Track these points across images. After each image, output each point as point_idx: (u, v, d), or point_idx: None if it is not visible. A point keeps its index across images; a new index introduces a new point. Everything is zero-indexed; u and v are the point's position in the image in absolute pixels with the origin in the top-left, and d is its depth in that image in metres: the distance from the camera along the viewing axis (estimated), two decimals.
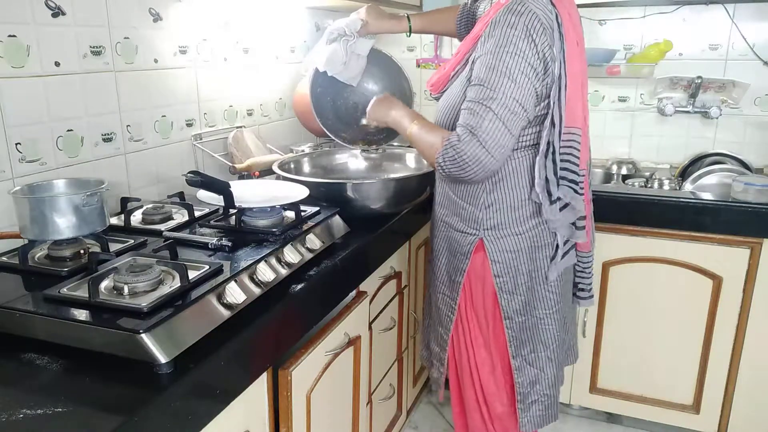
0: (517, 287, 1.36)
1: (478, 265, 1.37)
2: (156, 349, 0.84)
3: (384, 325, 1.70)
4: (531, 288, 1.37)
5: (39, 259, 1.13)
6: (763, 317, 1.83)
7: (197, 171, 1.26)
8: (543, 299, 1.38)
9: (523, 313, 1.38)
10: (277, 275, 1.13)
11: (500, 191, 1.31)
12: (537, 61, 1.17)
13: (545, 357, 1.42)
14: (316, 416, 1.26)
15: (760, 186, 1.76)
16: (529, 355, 1.41)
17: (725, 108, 2.23)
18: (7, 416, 0.75)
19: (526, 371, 1.42)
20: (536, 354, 1.42)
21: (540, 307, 1.39)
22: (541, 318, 1.40)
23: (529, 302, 1.38)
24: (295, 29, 2.21)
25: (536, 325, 1.40)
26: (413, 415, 2.19)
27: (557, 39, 1.18)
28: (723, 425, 1.97)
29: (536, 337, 1.41)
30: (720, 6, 2.18)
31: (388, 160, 1.92)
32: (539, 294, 1.38)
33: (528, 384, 1.43)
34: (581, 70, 1.26)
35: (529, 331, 1.40)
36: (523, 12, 1.16)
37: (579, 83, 1.25)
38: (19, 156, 1.24)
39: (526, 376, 1.42)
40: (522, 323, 1.39)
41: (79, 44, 1.34)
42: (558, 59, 1.18)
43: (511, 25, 1.16)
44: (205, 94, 1.77)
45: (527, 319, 1.39)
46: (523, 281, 1.36)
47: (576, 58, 1.23)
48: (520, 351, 1.41)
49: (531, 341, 1.41)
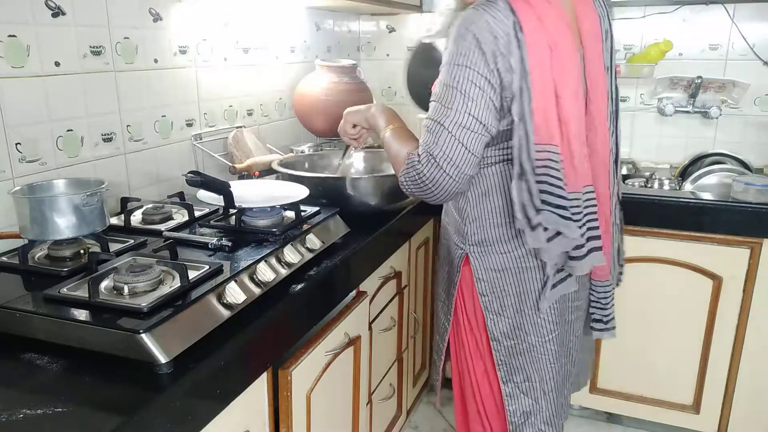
0: (504, 309, 1.26)
1: (468, 280, 1.28)
2: (156, 349, 0.84)
3: (384, 325, 1.70)
4: (520, 311, 1.25)
5: (39, 259, 1.12)
6: (763, 317, 1.83)
7: (197, 171, 1.26)
8: (535, 325, 1.26)
9: (512, 336, 1.27)
10: (277, 275, 1.13)
11: (484, 206, 1.22)
12: (489, 72, 1.06)
13: (540, 389, 1.30)
14: (316, 416, 1.26)
15: (760, 186, 1.76)
16: (522, 384, 1.29)
17: (725, 108, 2.23)
18: (7, 416, 0.75)
19: (519, 400, 1.30)
20: (530, 383, 1.29)
21: (532, 333, 1.26)
22: (533, 345, 1.27)
23: (519, 326, 1.26)
24: (295, 29, 2.21)
25: (529, 352, 1.27)
26: (413, 415, 2.19)
27: (515, 48, 1.05)
28: (723, 425, 1.97)
29: (530, 366, 1.28)
30: (720, 6, 2.18)
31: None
32: (530, 319, 1.25)
33: (521, 414, 1.32)
34: (560, 79, 1.09)
35: (522, 357, 1.28)
36: (475, 20, 1.05)
37: (550, 94, 1.08)
38: (19, 156, 1.24)
39: (518, 406, 1.31)
40: (511, 348, 1.28)
41: (79, 44, 1.34)
42: (517, 70, 1.05)
43: (461, 36, 1.07)
44: (205, 94, 1.77)
45: (517, 344, 1.27)
46: (511, 303, 1.25)
47: (548, 65, 1.07)
48: (512, 377, 1.29)
49: (524, 369, 1.28)
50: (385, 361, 1.77)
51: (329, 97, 2.06)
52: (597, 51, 1.18)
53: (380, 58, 2.73)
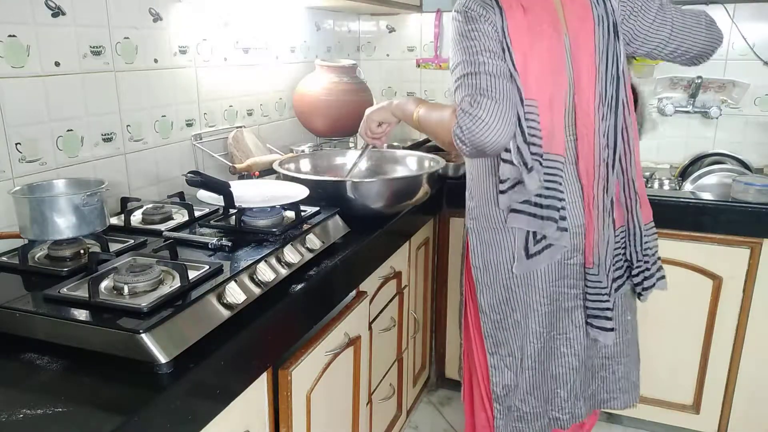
0: (493, 283, 1.36)
1: (469, 255, 1.40)
2: (156, 349, 0.84)
3: (384, 325, 1.70)
4: (507, 287, 1.35)
5: (39, 259, 1.12)
6: (763, 317, 1.83)
7: (197, 171, 1.26)
8: (521, 303, 1.35)
9: (498, 311, 1.37)
10: (277, 275, 1.13)
11: (483, 183, 1.33)
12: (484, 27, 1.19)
13: (520, 366, 1.38)
14: (316, 416, 1.26)
15: (760, 186, 1.76)
16: (506, 358, 1.39)
17: (725, 108, 2.23)
18: (7, 416, 0.75)
19: (503, 374, 1.40)
20: (513, 358, 1.39)
21: (518, 310, 1.36)
22: (518, 322, 1.36)
23: (505, 301, 1.36)
24: (295, 29, 2.21)
25: (514, 328, 1.37)
26: (413, 415, 2.19)
27: (497, 15, 1.19)
28: (723, 425, 1.97)
29: (513, 342, 1.38)
30: (720, 6, 2.18)
31: (388, 161, 1.91)
32: (517, 296, 1.35)
33: (503, 387, 1.40)
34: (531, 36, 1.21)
35: (506, 333, 1.38)
36: (462, 3, 1.22)
37: (527, 52, 1.20)
38: (19, 156, 1.24)
39: (501, 378, 1.40)
40: (497, 322, 1.38)
41: (79, 44, 1.34)
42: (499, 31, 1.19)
43: (455, 19, 1.22)
44: (205, 94, 1.77)
45: (503, 319, 1.37)
46: (500, 278, 1.35)
47: (523, 27, 1.21)
48: (498, 350, 1.40)
49: (508, 344, 1.38)
50: (385, 361, 1.77)
51: (329, 97, 2.07)
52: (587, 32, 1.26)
53: (380, 58, 2.73)
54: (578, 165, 1.30)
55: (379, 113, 1.48)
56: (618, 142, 1.31)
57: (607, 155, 1.31)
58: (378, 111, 1.49)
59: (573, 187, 1.31)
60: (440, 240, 2.15)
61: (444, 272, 2.17)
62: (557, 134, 1.26)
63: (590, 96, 1.27)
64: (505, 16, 1.19)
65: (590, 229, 1.32)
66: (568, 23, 1.26)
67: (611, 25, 1.27)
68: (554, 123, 1.25)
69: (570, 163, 1.31)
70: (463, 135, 1.15)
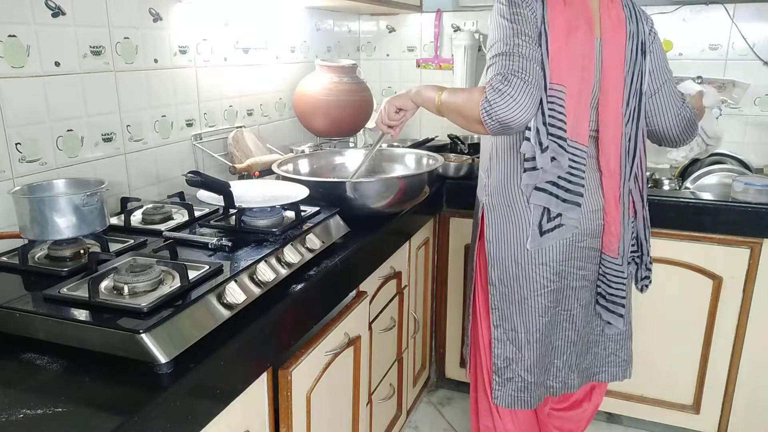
0: (504, 258, 1.42)
1: (483, 229, 1.44)
2: (156, 349, 0.84)
3: (384, 325, 1.70)
4: (517, 263, 1.40)
5: (39, 259, 1.12)
6: (763, 317, 1.83)
7: (197, 171, 1.26)
8: (529, 279, 1.40)
9: (507, 284, 1.43)
10: (277, 275, 1.13)
11: (503, 161, 1.39)
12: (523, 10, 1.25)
13: (524, 338, 1.44)
14: (316, 416, 1.26)
15: (760, 186, 1.76)
16: (510, 332, 1.45)
17: (725, 108, 2.23)
18: (7, 416, 0.75)
19: (505, 346, 1.46)
20: (516, 333, 1.45)
21: (525, 286, 1.41)
22: (525, 297, 1.42)
23: (514, 276, 1.41)
24: (295, 29, 2.21)
25: (520, 303, 1.43)
26: (413, 415, 2.19)
27: (539, 2, 1.25)
28: (723, 425, 1.97)
29: (518, 316, 1.43)
30: (720, 6, 2.18)
31: (387, 160, 1.91)
32: (525, 272, 1.40)
33: (504, 359, 1.47)
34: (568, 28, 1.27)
35: (513, 307, 1.44)
36: None
37: (562, 40, 1.26)
38: (19, 156, 1.24)
39: (502, 350, 1.46)
40: (504, 294, 1.43)
41: (79, 44, 1.34)
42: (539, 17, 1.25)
43: (498, 1, 1.28)
44: (205, 94, 1.77)
45: (511, 293, 1.43)
46: (511, 254, 1.40)
47: (562, 17, 1.26)
48: (502, 323, 1.46)
49: (512, 318, 1.44)
50: (385, 361, 1.77)
51: (329, 97, 2.07)
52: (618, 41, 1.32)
53: (380, 58, 2.73)
54: (599, 160, 1.37)
55: (398, 99, 1.49)
56: (638, 145, 1.38)
57: (630, 156, 1.38)
58: (397, 97, 1.50)
59: (592, 176, 1.37)
60: (440, 240, 2.15)
61: (444, 272, 2.17)
62: (581, 124, 1.32)
63: (617, 99, 1.34)
64: (546, 5, 1.25)
65: (610, 221, 1.39)
66: (603, 29, 1.31)
67: (640, 44, 1.34)
68: (579, 113, 1.31)
69: (590, 156, 1.37)
70: (491, 109, 1.20)
